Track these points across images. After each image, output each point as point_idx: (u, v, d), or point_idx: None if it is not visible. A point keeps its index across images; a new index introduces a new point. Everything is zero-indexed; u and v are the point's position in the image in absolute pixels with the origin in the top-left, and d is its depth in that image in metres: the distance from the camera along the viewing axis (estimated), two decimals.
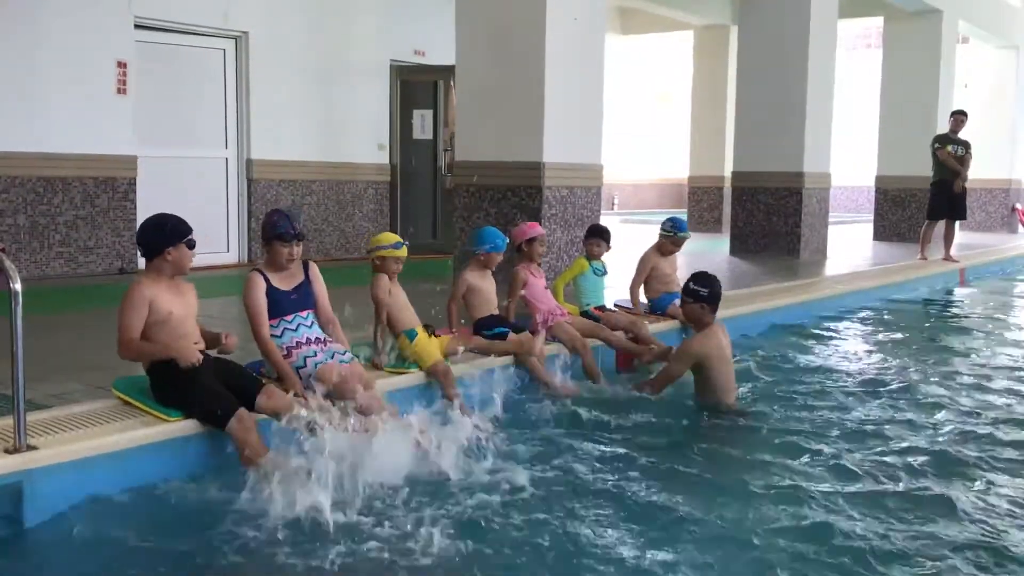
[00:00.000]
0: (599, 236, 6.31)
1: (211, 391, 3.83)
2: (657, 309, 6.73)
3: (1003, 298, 10.65)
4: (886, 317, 8.59)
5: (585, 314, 6.13)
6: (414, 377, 4.81)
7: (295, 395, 4.06)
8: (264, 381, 4.14)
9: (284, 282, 4.37)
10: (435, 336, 4.97)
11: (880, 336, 7.73)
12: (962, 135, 11.71)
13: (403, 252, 4.91)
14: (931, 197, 11.83)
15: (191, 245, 3.97)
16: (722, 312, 6.75)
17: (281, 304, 4.32)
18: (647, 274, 6.74)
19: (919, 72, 14.90)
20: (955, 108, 12.63)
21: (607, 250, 6.34)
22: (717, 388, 5.13)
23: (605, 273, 6.39)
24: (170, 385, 3.86)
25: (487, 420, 4.32)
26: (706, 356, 5.12)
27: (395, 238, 4.96)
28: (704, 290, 5.18)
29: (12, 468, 3.36)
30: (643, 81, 24.74)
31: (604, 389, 5.44)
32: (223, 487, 3.62)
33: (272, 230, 4.29)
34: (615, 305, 6.65)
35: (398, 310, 4.92)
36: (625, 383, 5.54)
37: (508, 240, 5.61)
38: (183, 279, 4.05)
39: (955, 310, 9.66)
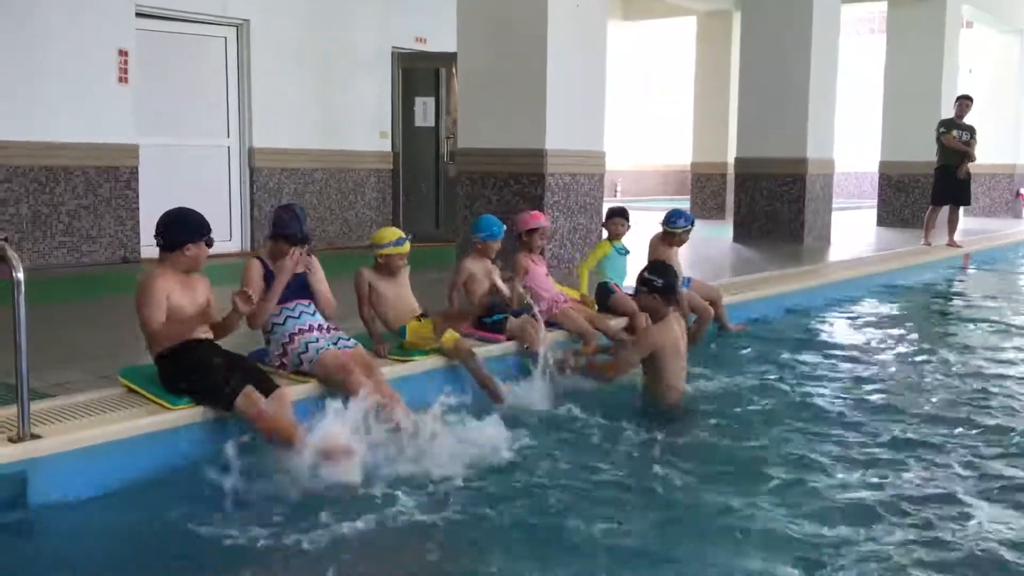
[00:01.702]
0: (622, 216, 6.36)
1: (220, 372, 3.84)
2: None
3: (1007, 283, 10.62)
4: (889, 303, 8.58)
5: (604, 286, 6.18)
6: (415, 365, 4.80)
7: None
8: (270, 375, 4.13)
9: None
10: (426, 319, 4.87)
11: (883, 322, 7.70)
12: (966, 120, 11.68)
13: (406, 248, 4.87)
14: (935, 182, 11.82)
15: (210, 244, 4.01)
16: (727, 299, 6.81)
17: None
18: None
19: (923, 57, 14.83)
20: (960, 93, 12.59)
21: (628, 228, 6.38)
22: (666, 379, 5.02)
23: (628, 252, 6.43)
24: (179, 371, 3.88)
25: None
26: (661, 347, 5.03)
27: (396, 235, 4.89)
28: (659, 280, 5.05)
29: (16, 457, 3.37)
30: (646, 67, 24.64)
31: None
32: (228, 475, 3.62)
33: (282, 228, 4.32)
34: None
35: (391, 306, 4.88)
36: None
37: (506, 228, 5.57)
38: (197, 273, 4.06)
39: (958, 296, 9.63)
